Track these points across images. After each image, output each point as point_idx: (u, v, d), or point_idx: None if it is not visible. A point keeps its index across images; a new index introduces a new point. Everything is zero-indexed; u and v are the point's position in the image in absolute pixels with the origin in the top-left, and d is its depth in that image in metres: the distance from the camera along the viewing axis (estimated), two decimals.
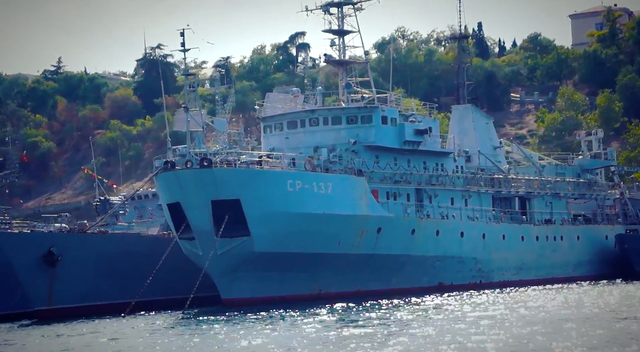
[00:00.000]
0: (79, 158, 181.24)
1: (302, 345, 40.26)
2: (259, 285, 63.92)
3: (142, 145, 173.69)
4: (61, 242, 64.84)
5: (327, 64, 75.72)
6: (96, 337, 49.07)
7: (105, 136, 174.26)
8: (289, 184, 62.96)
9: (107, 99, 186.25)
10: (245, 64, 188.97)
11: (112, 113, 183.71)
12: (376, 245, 66.78)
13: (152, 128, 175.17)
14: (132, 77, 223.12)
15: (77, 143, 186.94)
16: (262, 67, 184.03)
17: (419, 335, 41.84)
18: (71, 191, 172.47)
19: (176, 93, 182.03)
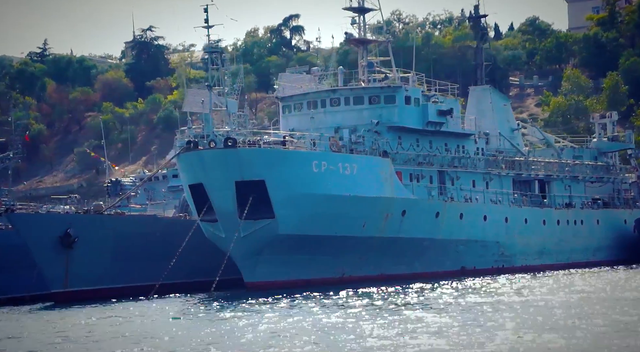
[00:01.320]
0: (69, 141, 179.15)
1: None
2: (282, 268, 62.48)
3: (135, 128, 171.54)
4: (78, 224, 63.37)
5: (348, 43, 73.86)
6: (125, 320, 47.47)
7: (97, 119, 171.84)
8: (314, 164, 61.52)
9: (99, 81, 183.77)
10: (239, 46, 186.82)
11: (103, 95, 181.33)
12: (400, 228, 65.43)
13: (145, 111, 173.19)
14: (120, 59, 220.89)
15: (67, 125, 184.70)
16: (256, 50, 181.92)
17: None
18: (62, 174, 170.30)
19: (169, 75, 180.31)
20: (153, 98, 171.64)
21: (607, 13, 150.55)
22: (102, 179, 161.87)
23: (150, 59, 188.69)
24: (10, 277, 66.27)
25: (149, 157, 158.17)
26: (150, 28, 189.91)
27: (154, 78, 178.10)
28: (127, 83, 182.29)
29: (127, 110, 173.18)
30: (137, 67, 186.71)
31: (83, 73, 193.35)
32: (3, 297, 65.98)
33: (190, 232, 62.10)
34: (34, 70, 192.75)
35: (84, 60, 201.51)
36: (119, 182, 77.75)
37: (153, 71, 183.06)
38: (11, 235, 67.58)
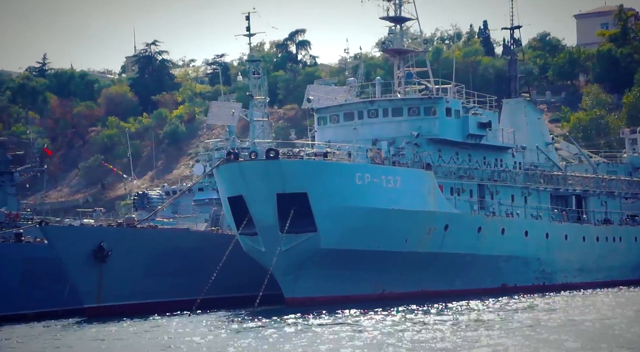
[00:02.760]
0: (73, 155, 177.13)
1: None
2: (322, 284, 60.78)
3: (140, 142, 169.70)
4: (111, 237, 61.65)
5: (384, 53, 72.25)
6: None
7: (102, 133, 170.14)
8: (357, 177, 59.88)
9: (102, 96, 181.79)
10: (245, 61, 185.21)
11: (107, 110, 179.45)
12: (443, 243, 63.76)
13: (150, 125, 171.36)
14: (119, 74, 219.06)
15: (71, 140, 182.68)
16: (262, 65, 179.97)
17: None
18: (67, 189, 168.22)
19: (174, 90, 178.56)
20: (159, 113, 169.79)
21: (619, 29, 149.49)
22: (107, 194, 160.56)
23: (155, 74, 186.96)
24: (42, 291, 64.70)
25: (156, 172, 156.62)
26: (154, 42, 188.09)
27: (158, 92, 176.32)
28: (131, 97, 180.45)
29: (133, 125, 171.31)
30: (141, 81, 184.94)
31: (85, 88, 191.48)
32: (35, 311, 64.33)
33: (230, 246, 60.43)
34: (35, 84, 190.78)
35: (86, 75, 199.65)
36: (146, 195, 75.88)
37: (157, 86, 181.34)
38: (43, 248, 66.02)
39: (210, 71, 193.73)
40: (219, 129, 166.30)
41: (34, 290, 65.15)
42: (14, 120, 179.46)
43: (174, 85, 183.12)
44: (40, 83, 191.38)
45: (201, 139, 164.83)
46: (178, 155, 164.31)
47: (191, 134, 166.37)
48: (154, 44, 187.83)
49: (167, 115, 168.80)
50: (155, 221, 72.64)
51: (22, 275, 65.11)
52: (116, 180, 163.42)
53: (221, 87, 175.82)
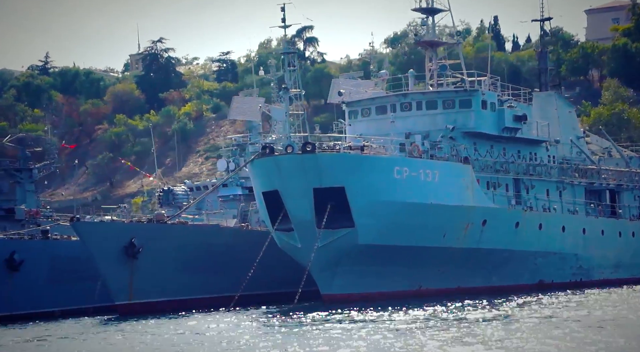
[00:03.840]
0: (80, 153, 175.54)
1: None
2: (359, 280, 59.46)
3: (148, 140, 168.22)
4: (142, 233, 60.37)
5: (418, 45, 70.83)
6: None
7: (109, 131, 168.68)
8: (396, 171, 58.50)
9: (109, 94, 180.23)
10: (252, 58, 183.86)
11: (114, 108, 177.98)
12: (481, 239, 62.41)
13: (158, 123, 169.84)
14: (122, 72, 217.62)
15: (77, 138, 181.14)
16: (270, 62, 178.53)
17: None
18: (75, 187, 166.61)
19: (181, 87, 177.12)
20: (167, 110, 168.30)
21: (633, 24, 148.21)
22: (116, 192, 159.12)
23: (161, 71, 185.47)
24: (72, 288, 63.52)
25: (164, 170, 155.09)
26: (160, 39, 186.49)
27: (165, 90, 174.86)
28: (138, 95, 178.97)
29: (141, 122, 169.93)
30: (147, 79, 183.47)
31: (90, 86, 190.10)
32: (62, 309, 63.19)
33: (266, 242, 59.03)
34: (40, 83, 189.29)
35: (90, 73, 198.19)
36: (171, 191, 74.44)
37: (164, 83, 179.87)
38: (71, 246, 64.94)
39: (215, 68, 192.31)
40: (227, 125, 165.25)
41: (62, 287, 63.97)
42: (19, 119, 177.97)
43: (180, 83, 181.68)
44: (45, 81, 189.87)
45: (209, 136, 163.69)
46: (187, 153, 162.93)
47: (199, 132, 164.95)
48: (160, 41, 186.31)
49: (175, 113, 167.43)
50: (183, 217, 71.39)
51: (50, 272, 63.92)
52: (125, 178, 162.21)
53: (229, 84, 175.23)
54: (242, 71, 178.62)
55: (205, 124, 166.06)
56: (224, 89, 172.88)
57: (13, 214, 76.62)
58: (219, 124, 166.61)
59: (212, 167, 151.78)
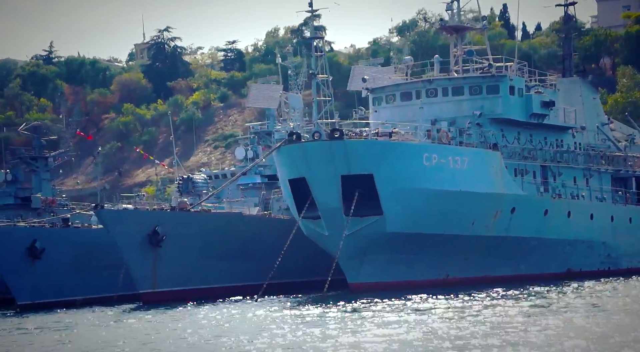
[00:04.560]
0: (87, 143, 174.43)
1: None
2: (386, 269, 58.47)
3: (155, 129, 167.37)
4: (166, 221, 59.52)
5: (441, 31, 69.72)
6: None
7: (117, 120, 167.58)
8: (425, 157, 57.43)
9: (115, 83, 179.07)
10: (260, 47, 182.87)
11: (121, 97, 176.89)
12: (509, 226, 61.37)
13: (165, 112, 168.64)
14: (127, 62, 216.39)
15: (84, 128, 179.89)
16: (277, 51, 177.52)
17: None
18: (83, 177, 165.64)
19: (189, 76, 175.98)
20: (174, 99, 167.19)
21: None
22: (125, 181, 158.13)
23: (168, 60, 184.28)
24: (94, 276, 62.83)
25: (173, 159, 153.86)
26: (167, 29, 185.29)
27: (172, 79, 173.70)
28: (145, 84, 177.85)
29: (148, 111, 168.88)
30: (154, 68, 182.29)
31: (96, 75, 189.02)
32: (89, 297, 62.56)
33: (293, 230, 58.06)
34: (45, 72, 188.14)
35: (96, 62, 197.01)
36: (191, 179, 73.47)
37: (171, 72, 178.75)
38: (93, 234, 64.20)
39: (222, 58, 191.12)
40: (235, 114, 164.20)
41: (83, 276, 63.21)
42: (25, 108, 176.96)
43: (187, 72, 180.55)
44: (51, 71, 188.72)
45: (218, 125, 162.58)
46: (195, 142, 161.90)
47: (207, 121, 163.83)
48: (167, 30, 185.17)
49: (183, 102, 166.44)
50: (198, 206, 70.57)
51: (71, 260, 63.13)
52: (133, 167, 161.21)
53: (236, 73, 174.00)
54: (249, 60, 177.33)
55: (213, 113, 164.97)
56: (231, 78, 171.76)
57: (29, 202, 76.15)
58: (227, 113, 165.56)
59: (221, 156, 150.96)
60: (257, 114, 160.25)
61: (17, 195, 76.66)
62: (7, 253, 60.49)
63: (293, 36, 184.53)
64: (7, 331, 46.99)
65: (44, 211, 76.68)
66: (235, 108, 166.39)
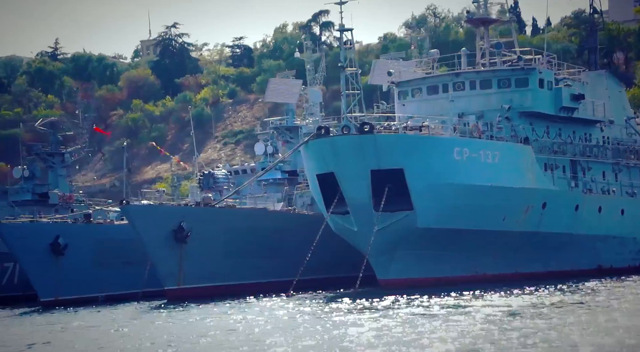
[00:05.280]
0: (96, 139, 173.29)
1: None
2: (416, 265, 57.36)
3: (164, 126, 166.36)
4: (191, 217, 58.49)
5: (468, 23, 68.62)
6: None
7: (126, 117, 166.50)
8: (456, 152, 56.32)
9: (123, 79, 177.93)
10: (268, 43, 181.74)
11: (129, 93, 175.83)
12: (540, 222, 60.29)
13: (174, 109, 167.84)
14: (132, 58, 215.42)
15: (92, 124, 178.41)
16: (285, 47, 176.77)
17: None
18: (92, 173, 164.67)
19: (198, 72, 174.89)
20: (183, 96, 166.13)
21: None
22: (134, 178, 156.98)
23: (176, 56, 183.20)
24: (119, 273, 61.79)
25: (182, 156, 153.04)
26: (174, 25, 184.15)
27: (180, 76, 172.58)
28: (153, 81, 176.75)
29: (157, 108, 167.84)
30: (162, 64, 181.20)
31: (103, 71, 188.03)
32: (111, 294, 61.26)
33: (322, 226, 56.96)
34: (52, 68, 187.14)
35: (103, 59, 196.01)
36: (212, 174, 72.38)
37: (179, 68, 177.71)
38: (115, 229, 63.22)
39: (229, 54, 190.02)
40: (245, 110, 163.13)
41: (106, 272, 62.24)
42: (33, 105, 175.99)
43: (195, 68, 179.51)
44: (58, 67, 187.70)
45: (227, 121, 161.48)
46: (204, 139, 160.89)
47: (216, 117, 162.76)
48: (174, 26, 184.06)
49: (192, 98, 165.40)
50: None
51: (94, 256, 62.13)
52: (142, 164, 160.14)
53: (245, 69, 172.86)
54: (258, 56, 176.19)
55: (222, 110, 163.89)
56: (240, 74, 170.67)
57: (47, 198, 75.28)
58: (236, 109, 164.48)
59: (231, 152, 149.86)
60: (267, 110, 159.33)
61: (35, 191, 75.76)
62: (30, 249, 59.51)
63: (301, 32, 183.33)
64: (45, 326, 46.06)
65: (61, 207, 75.82)
66: (244, 104, 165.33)
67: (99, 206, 77.01)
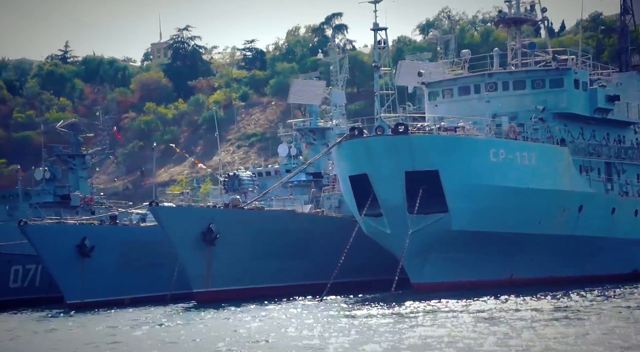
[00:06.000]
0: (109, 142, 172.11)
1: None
2: (449, 268, 56.26)
3: (177, 128, 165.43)
4: (220, 218, 57.45)
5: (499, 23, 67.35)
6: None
7: (138, 119, 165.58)
8: (492, 153, 55.17)
9: (135, 82, 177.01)
10: (281, 46, 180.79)
11: (141, 96, 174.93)
12: (576, 225, 59.08)
13: (187, 111, 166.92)
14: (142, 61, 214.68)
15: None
16: (297, 50, 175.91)
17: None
18: (105, 176, 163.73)
19: (211, 75, 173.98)
20: (196, 99, 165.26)
21: None
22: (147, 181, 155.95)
23: (188, 59, 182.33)
24: (145, 275, 60.97)
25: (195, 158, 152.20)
26: (186, 27, 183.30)
27: (192, 78, 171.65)
28: (166, 83, 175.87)
29: (170, 110, 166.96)
30: (174, 67, 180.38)
31: (114, 74, 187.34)
32: (138, 296, 60.32)
33: (356, 229, 55.86)
34: (63, 71, 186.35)
35: (114, 62, 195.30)
36: (237, 176, 71.23)
37: (191, 71, 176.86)
38: (141, 231, 62.26)
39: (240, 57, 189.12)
40: (258, 113, 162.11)
41: (133, 274, 61.32)
42: (45, 108, 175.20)
43: (207, 71, 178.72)
44: (69, 70, 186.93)
45: (240, 124, 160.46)
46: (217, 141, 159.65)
47: (229, 120, 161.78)
48: (186, 29, 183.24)
49: (204, 101, 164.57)
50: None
51: (120, 258, 61.11)
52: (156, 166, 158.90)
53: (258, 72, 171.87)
54: (270, 59, 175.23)
55: (235, 113, 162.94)
56: (253, 76, 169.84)
57: (68, 200, 74.53)
58: (249, 112, 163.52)
59: (245, 155, 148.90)
60: (279, 113, 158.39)
61: (56, 193, 74.96)
62: (56, 251, 58.50)
63: (314, 35, 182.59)
64: (88, 328, 45.35)
65: (82, 209, 74.98)
66: (257, 107, 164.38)
67: (122, 208, 76.07)
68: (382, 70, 56.62)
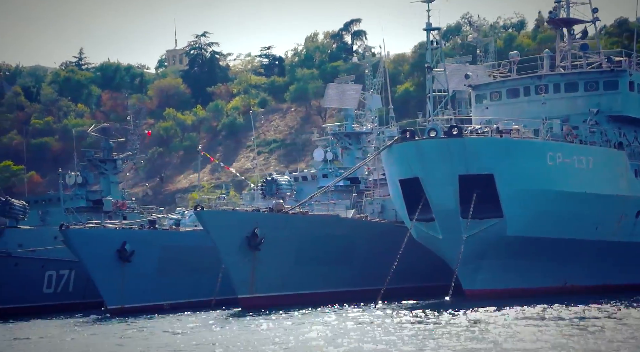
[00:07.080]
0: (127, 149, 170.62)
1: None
2: (503, 275, 54.45)
3: (196, 135, 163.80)
4: (264, 223, 55.83)
5: (549, 24, 65.58)
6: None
7: (157, 125, 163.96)
8: (549, 156, 53.32)
9: (154, 89, 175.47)
10: (300, 52, 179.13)
11: (159, 103, 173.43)
12: (634, 231, 57.21)
13: (206, 117, 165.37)
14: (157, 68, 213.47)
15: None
16: (317, 56, 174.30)
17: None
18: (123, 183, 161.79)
19: (229, 82, 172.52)
20: (215, 105, 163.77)
21: None
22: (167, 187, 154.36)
23: (206, 65, 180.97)
24: (186, 280, 59.69)
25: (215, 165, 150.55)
26: (204, 34, 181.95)
27: (210, 85, 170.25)
28: (184, 90, 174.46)
29: (189, 117, 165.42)
30: (192, 73, 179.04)
31: (131, 80, 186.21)
32: (179, 301, 58.83)
33: (407, 234, 54.04)
34: (80, 78, 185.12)
35: (131, 68, 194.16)
36: (275, 181, 69.44)
37: (209, 78, 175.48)
38: (181, 236, 60.66)
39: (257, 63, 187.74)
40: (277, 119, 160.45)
41: (173, 279, 59.72)
42: (63, 114, 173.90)
43: (225, 77, 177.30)
44: (86, 77, 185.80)
45: (260, 130, 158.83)
46: (236, 147, 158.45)
47: (248, 126, 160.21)
48: (204, 35, 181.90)
49: (223, 107, 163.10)
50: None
51: (160, 263, 59.49)
52: (175, 173, 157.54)
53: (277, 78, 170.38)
54: (290, 65, 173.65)
55: (254, 119, 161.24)
56: (272, 83, 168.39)
57: (101, 205, 73.03)
58: (269, 118, 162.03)
59: (265, 161, 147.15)
60: (299, 119, 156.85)
61: (88, 198, 73.47)
62: (97, 256, 56.86)
63: (332, 41, 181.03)
64: None
65: (114, 214, 73.49)
66: (276, 113, 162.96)
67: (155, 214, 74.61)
68: (435, 71, 54.71)
